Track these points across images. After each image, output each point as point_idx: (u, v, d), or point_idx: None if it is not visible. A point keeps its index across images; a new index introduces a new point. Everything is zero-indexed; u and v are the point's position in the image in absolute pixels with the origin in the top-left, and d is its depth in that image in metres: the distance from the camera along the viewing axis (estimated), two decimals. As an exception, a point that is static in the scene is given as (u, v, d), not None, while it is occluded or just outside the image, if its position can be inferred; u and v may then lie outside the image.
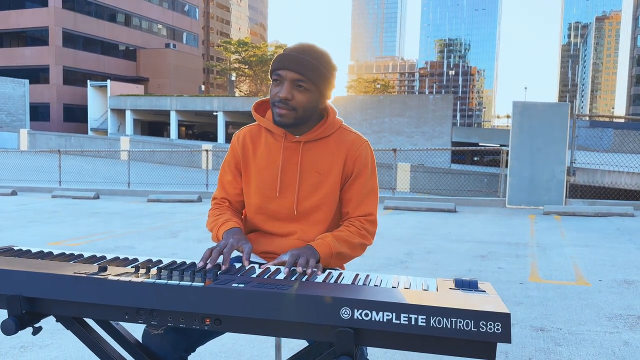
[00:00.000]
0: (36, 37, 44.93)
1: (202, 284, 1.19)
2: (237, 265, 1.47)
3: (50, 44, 44.69)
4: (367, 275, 1.39)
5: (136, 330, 1.67)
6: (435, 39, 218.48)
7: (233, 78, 59.30)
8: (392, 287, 1.28)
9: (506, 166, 9.87)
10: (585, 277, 4.46)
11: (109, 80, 42.35)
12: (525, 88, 66.97)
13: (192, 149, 22.87)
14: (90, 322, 1.41)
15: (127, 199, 11.60)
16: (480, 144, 36.17)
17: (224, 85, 79.81)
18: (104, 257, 1.50)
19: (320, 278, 1.35)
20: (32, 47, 45.03)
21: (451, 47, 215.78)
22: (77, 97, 45.65)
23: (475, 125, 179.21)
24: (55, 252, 1.56)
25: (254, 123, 1.79)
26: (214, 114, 38.74)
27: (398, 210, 9.24)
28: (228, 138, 37.46)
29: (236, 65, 57.42)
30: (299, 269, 1.38)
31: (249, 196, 1.76)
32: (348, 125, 1.79)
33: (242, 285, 1.18)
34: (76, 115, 46.01)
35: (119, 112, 42.45)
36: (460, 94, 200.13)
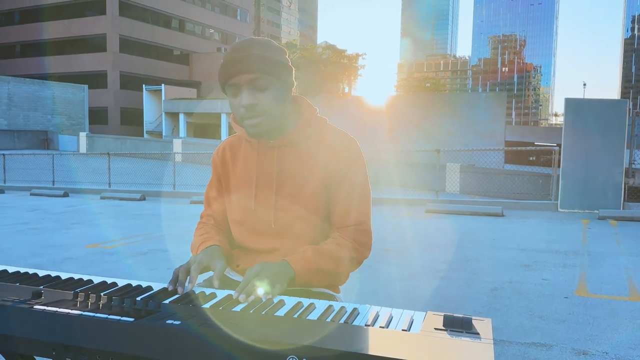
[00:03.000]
0: (95, 44, 46.85)
1: (132, 319, 1.02)
2: (208, 291, 1.29)
3: (108, 50, 46.49)
4: (342, 308, 1.17)
5: None
6: (489, 35, 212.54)
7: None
8: (366, 324, 1.06)
9: (558, 167, 9.30)
10: (640, 292, 4.03)
11: (163, 85, 43.55)
12: (584, 84, 63.85)
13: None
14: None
15: (171, 201, 11.76)
16: (536, 144, 34.80)
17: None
18: (57, 278, 1.36)
19: (282, 311, 1.14)
20: (91, 54, 46.98)
21: (506, 44, 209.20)
22: (133, 101, 47.24)
23: (532, 123, 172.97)
24: (11, 270, 1.43)
25: (236, 134, 1.62)
26: (263, 115, 39.09)
27: (440, 214, 8.87)
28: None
29: (285, 67, 57.48)
30: (241, 298, 1.19)
31: (231, 211, 1.59)
32: (334, 125, 1.58)
33: (178, 323, 1.00)
34: (132, 119, 47.62)
35: (173, 115, 43.61)
36: (515, 92, 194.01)
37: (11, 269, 1.44)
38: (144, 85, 44.60)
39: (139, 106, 46.14)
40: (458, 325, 1.04)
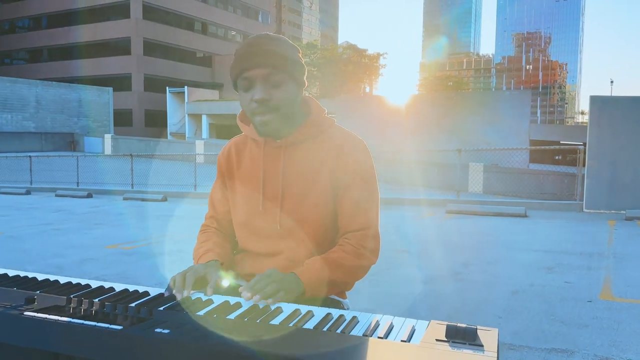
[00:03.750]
0: (119, 47, 47.63)
1: (121, 327, 0.99)
2: (205, 297, 1.25)
3: (132, 53, 47.21)
4: (341, 316, 1.12)
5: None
6: (513, 33, 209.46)
7: (301, 81, 59.68)
8: (364, 334, 1.01)
9: (583, 166, 9.08)
10: (669, 296, 3.88)
11: (186, 87, 44.03)
12: (612, 82, 62.37)
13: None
14: None
15: (192, 202, 11.83)
16: (561, 142, 34.11)
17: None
18: (56, 282, 1.34)
19: (278, 319, 1.10)
20: (115, 57, 47.77)
21: (530, 41, 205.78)
22: (157, 103, 47.88)
23: (557, 122, 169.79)
24: (11, 273, 1.42)
25: (242, 134, 1.59)
26: (284, 116, 39.21)
27: (462, 215, 8.72)
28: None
29: (306, 68, 57.66)
30: (246, 296, 1.17)
31: (235, 213, 1.56)
32: (342, 126, 1.54)
33: (167, 332, 0.97)
34: (157, 120, 48.25)
35: (196, 117, 44.08)
36: (540, 90, 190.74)
37: (11, 273, 1.43)
38: (167, 88, 45.17)
39: (162, 108, 46.73)
40: (461, 336, 0.98)
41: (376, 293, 4.02)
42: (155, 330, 0.97)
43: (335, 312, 1.14)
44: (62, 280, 1.36)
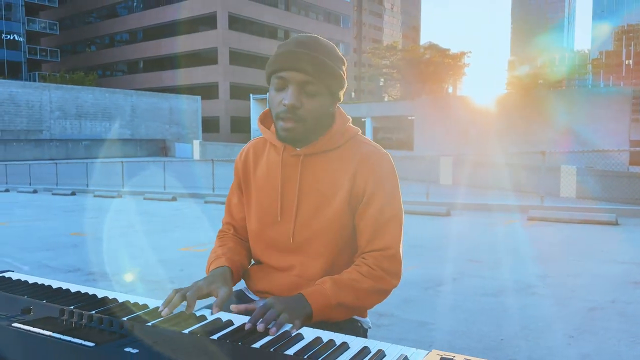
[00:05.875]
0: (207, 57, 49.91)
1: (93, 344, 0.96)
2: (199, 313, 1.19)
3: (219, 63, 49.29)
4: (331, 340, 1.03)
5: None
6: (611, 26, 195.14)
7: (381, 84, 59.24)
8: (345, 367, 0.92)
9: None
10: None
11: (268, 93, 45.22)
12: None
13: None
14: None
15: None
16: (666, 143, 31.22)
17: (374, 91, 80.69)
18: (67, 291, 1.35)
19: (261, 342, 1.02)
20: (203, 67, 50.12)
21: (631, 34, 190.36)
22: (241, 109, 49.63)
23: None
24: (30, 281, 1.46)
25: (262, 136, 1.54)
26: (362, 120, 39.20)
27: (545, 222, 8.17)
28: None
29: (385, 70, 57.50)
30: (260, 327, 1.06)
31: (249, 221, 1.51)
32: (366, 137, 1.45)
33: (136, 352, 0.93)
34: (241, 126, 50.02)
35: (276, 122, 45.02)
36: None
37: (31, 279, 1.47)
38: (250, 95, 46.68)
39: (247, 115, 48.33)
40: (456, 374, 0.86)
41: (436, 304, 3.83)
42: (125, 349, 0.93)
43: (326, 336, 1.05)
44: (73, 288, 1.37)
